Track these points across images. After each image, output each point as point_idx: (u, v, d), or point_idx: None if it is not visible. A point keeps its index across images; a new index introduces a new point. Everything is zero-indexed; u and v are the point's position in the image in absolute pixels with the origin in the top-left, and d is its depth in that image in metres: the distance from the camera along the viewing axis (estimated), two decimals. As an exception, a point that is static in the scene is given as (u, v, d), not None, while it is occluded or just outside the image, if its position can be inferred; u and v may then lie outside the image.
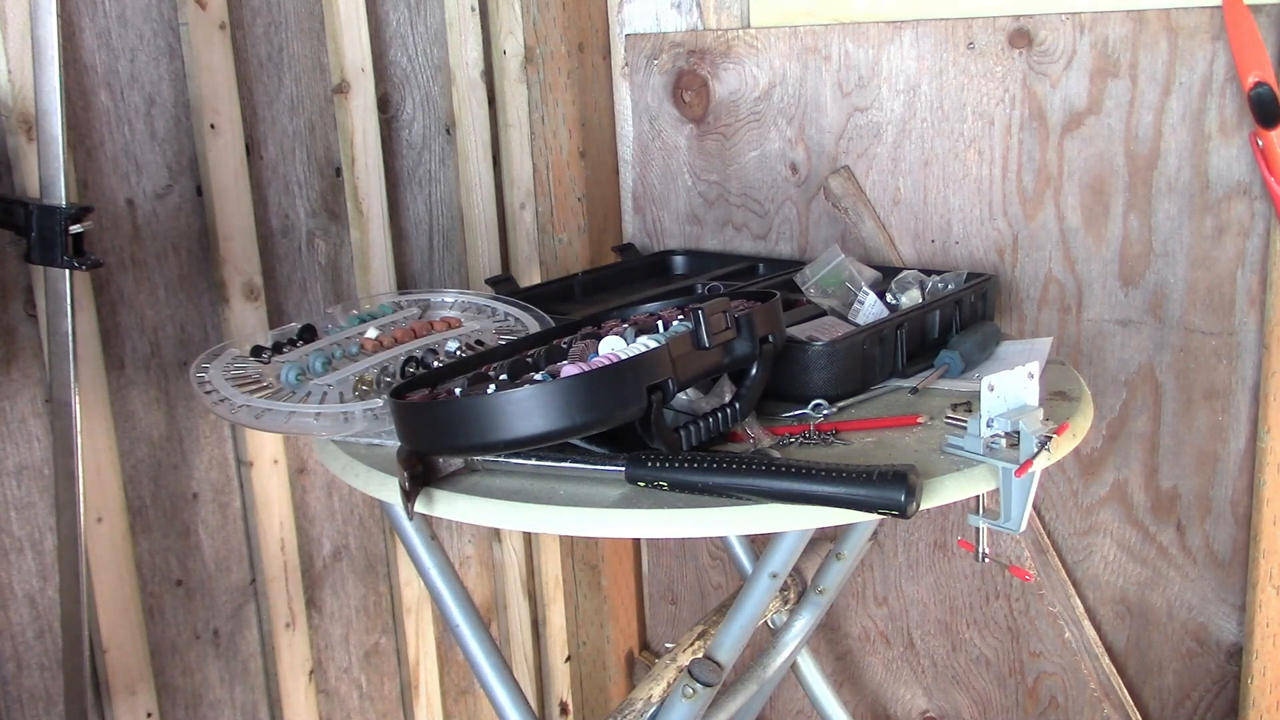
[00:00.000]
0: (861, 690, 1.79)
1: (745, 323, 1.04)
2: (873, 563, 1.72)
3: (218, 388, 1.11)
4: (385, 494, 1.02)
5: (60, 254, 1.08)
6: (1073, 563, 1.57)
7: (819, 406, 1.12)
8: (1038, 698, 1.64)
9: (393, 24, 1.52)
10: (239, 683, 1.42)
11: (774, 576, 1.08)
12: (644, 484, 0.93)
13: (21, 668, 1.19)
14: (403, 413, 0.95)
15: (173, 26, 1.25)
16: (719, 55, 1.65)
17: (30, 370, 1.16)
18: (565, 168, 1.74)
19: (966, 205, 1.52)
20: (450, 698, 1.74)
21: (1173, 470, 1.48)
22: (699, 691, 1.10)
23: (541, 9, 1.67)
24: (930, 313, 1.29)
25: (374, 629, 1.60)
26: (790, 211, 1.66)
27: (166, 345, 1.28)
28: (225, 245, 1.31)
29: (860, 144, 1.58)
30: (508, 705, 1.17)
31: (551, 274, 1.75)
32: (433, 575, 1.15)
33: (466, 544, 1.76)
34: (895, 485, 0.87)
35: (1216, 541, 1.47)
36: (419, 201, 1.59)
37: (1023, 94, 1.45)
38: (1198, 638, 1.52)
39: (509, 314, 1.33)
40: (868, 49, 1.54)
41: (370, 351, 1.20)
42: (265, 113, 1.36)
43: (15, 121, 1.11)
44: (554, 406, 0.89)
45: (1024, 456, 0.93)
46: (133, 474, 1.26)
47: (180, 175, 1.28)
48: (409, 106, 1.55)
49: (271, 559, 1.41)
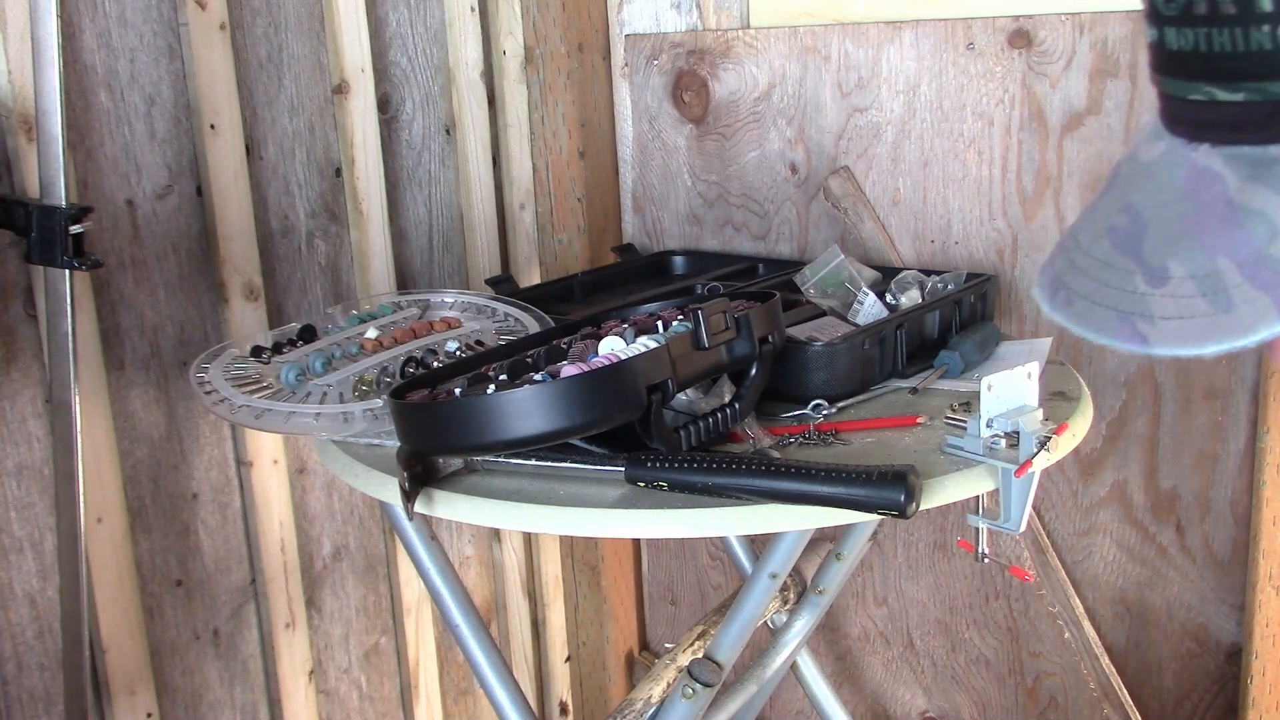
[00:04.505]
0: (861, 690, 1.79)
1: (745, 323, 1.04)
2: (873, 563, 1.72)
3: (218, 388, 1.11)
4: (385, 494, 1.02)
5: (60, 254, 1.08)
6: (1072, 563, 1.57)
7: (819, 407, 1.12)
8: (1037, 698, 1.64)
9: (393, 24, 1.52)
10: (239, 683, 1.42)
11: (774, 576, 1.08)
12: (644, 484, 0.93)
13: (21, 668, 1.19)
14: (403, 413, 0.95)
15: (173, 27, 1.25)
16: (719, 55, 1.65)
17: (30, 370, 1.16)
18: (565, 168, 1.74)
19: (966, 205, 1.52)
20: (450, 698, 1.74)
21: (1172, 470, 1.48)
22: (699, 691, 1.10)
23: (541, 9, 1.67)
24: (930, 313, 1.29)
25: (374, 629, 1.60)
26: (790, 212, 1.66)
27: (166, 345, 1.28)
28: (225, 245, 1.31)
29: (860, 144, 1.58)
30: (508, 705, 1.17)
31: (551, 274, 1.75)
32: (433, 575, 1.15)
33: (466, 544, 1.76)
34: (895, 485, 0.87)
35: (1216, 541, 1.47)
36: (419, 202, 1.59)
37: (1022, 94, 1.45)
38: (1197, 638, 1.52)
39: (509, 314, 1.33)
40: (867, 49, 1.54)
41: (370, 352, 1.20)
42: (265, 113, 1.36)
43: (15, 121, 1.11)
44: (554, 407, 0.89)
45: (1023, 457, 0.93)
46: (133, 474, 1.26)
47: (180, 176, 1.28)
48: (409, 107, 1.55)
49: (271, 559, 1.41)
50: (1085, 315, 0.51)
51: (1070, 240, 0.55)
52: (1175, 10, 0.48)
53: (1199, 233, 0.48)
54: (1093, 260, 0.53)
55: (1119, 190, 0.54)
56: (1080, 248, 0.54)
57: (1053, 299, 0.54)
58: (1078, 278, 0.53)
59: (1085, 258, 0.53)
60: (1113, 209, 0.54)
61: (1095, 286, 0.51)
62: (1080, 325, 0.51)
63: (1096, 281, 0.51)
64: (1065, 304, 0.53)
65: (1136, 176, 0.54)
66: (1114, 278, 0.51)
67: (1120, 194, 0.54)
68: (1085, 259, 0.53)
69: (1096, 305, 0.51)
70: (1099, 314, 0.51)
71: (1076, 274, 0.53)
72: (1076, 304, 0.52)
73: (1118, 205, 0.53)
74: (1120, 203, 0.53)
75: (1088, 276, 0.52)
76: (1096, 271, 0.52)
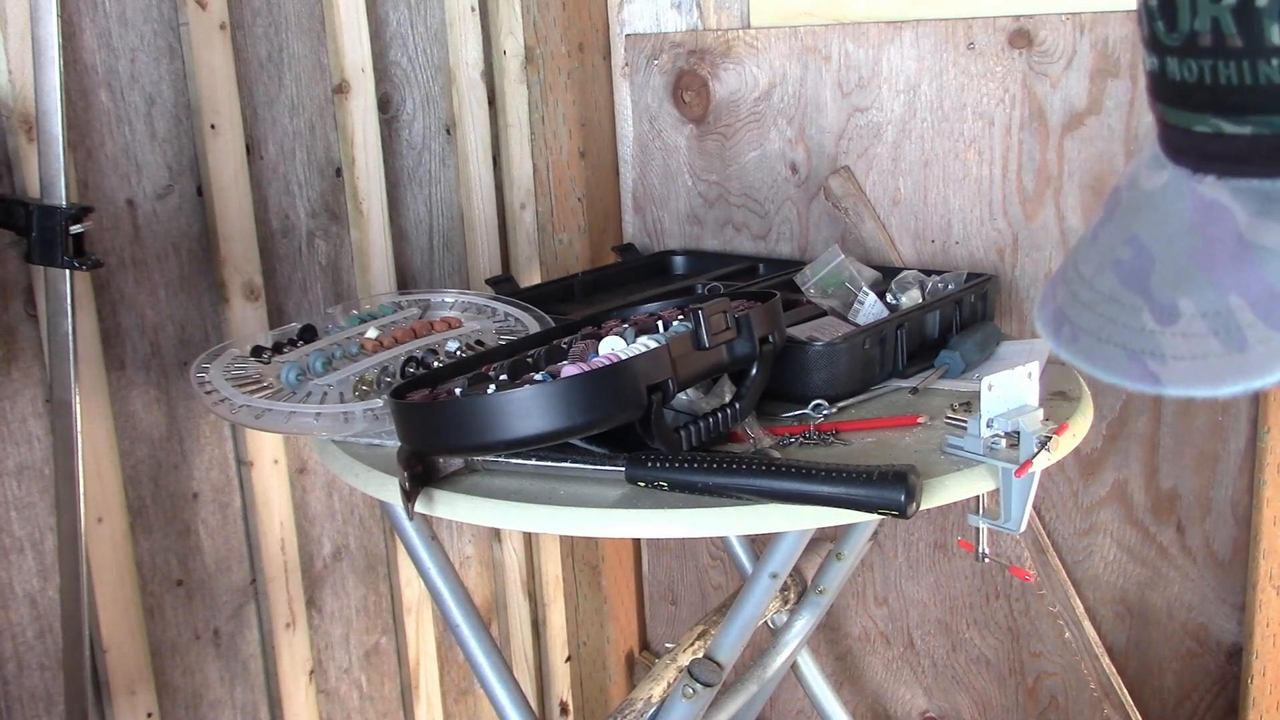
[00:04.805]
0: (861, 690, 1.79)
1: (745, 323, 1.04)
2: (873, 563, 1.72)
3: (218, 388, 1.11)
4: (385, 494, 1.02)
5: (60, 254, 1.08)
6: (1073, 563, 1.57)
7: (819, 407, 1.12)
8: (1038, 698, 1.64)
9: (393, 24, 1.52)
10: (239, 683, 1.42)
11: (774, 576, 1.08)
12: (644, 484, 0.93)
13: (21, 668, 1.19)
14: (403, 413, 0.95)
15: (173, 26, 1.25)
16: (719, 55, 1.65)
17: (30, 370, 1.16)
18: (565, 168, 1.74)
19: (966, 205, 1.52)
20: (450, 698, 1.74)
21: (1173, 470, 1.48)
22: (699, 691, 1.10)
23: (541, 9, 1.67)
24: (930, 313, 1.29)
25: (374, 629, 1.60)
26: (790, 212, 1.66)
27: (167, 345, 1.28)
28: (225, 245, 1.31)
29: (860, 144, 1.58)
30: (508, 705, 1.17)
31: (551, 274, 1.75)
32: (433, 575, 1.15)
33: (466, 544, 1.76)
34: (895, 485, 0.87)
35: (1216, 541, 1.47)
36: (419, 201, 1.59)
37: (1023, 94, 1.45)
38: (1198, 638, 1.52)
39: (509, 314, 1.33)
40: (868, 49, 1.54)
41: (370, 351, 1.20)
42: (265, 113, 1.36)
43: (15, 121, 1.11)
44: (554, 406, 0.89)
45: (1024, 456, 0.93)
46: (133, 474, 1.26)
47: (180, 175, 1.28)
48: (409, 106, 1.55)
49: (271, 559, 1.41)
50: (1092, 352, 0.50)
51: (1072, 271, 0.54)
52: (1177, 41, 0.47)
53: (1209, 269, 0.47)
54: (1097, 295, 0.51)
55: (1121, 220, 0.53)
56: (1083, 280, 0.53)
57: (1057, 334, 0.52)
58: (1082, 313, 0.51)
59: (1089, 291, 0.52)
60: (1116, 240, 0.52)
61: (1101, 323, 0.50)
62: (1088, 363, 0.50)
63: (1103, 318, 0.50)
64: (1071, 340, 0.51)
65: (1139, 207, 0.52)
66: (1121, 314, 0.50)
67: (1123, 225, 0.52)
68: (1089, 293, 0.52)
69: (1104, 342, 0.50)
70: (1107, 351, 0.49)
71: (1081, 308, 0.52)
72: (1082, 340, 0.51)
73: (1121, 237, 0.52)
74: (1124, 234, 0.52)
75: (1093, 311, 0.51)
76: (1102, 307, 0.51)
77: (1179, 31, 0.46)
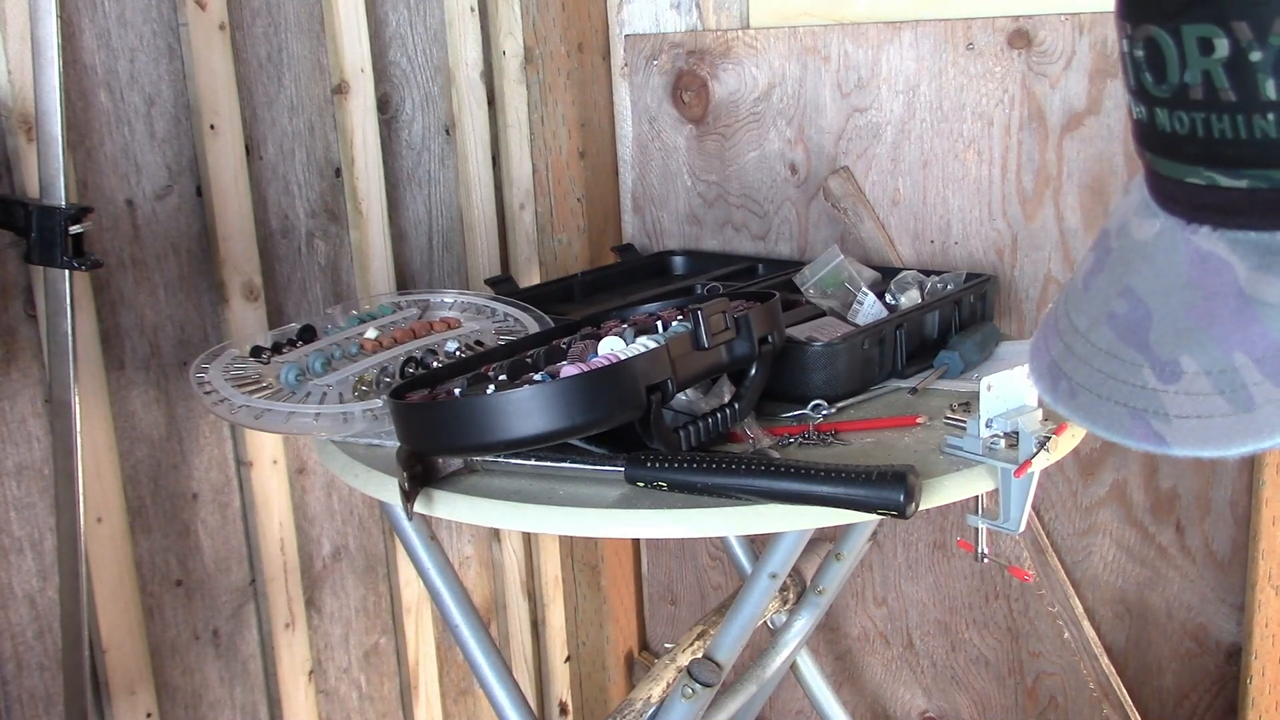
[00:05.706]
0: (861, 690, 1.79)
1: (744, 323, 1.04)
2: (872, 563, 1.72)
3: (217, 388, 1.11)
4: (385, 494, 1.02)
5: (60, 254, 1.08)
6: (1072, 563, 1.57)
7: (818, 407, 1.12)
8: (1037, 698, 1.64)
9: (392, 24, 1.52)
10: (239, 683, 1.42)
11: (773, 577, 1.09)
12: (643, 484, 0.93)
13: (21, 668, 1.19)
14: (402, 413, 0.95)
15: (172, 27, 1.25)
16: (718, 56, 1.65)
17: (30, 370, 1.16)
18: (565, 168, 1.74)
19: (966, 206, 1.52)
20: (450, 698, 1.74)
21: (1172, 470, 1.48)
22: (698, 692, 1.10)
23: (541, 9, 1.67)
24: (929, 313, 1.29)
25: (374, 629, 1.60)
26: (790, 212, 1.66)
27: (166, 345, 1.28)
28: (225, 245, 1.31)
29: (859, 144, 1.58)
30: (507, 705, 1.17)
31: (551, 274, 1.75)
32: (432, 575, 1.15)
33: (466, 544, 1.76)
34: (894, 486, 0.87)
35: (1216, 541, 1.47)
36: (418, 202, 1.59)
37: (1022, 94, 1.45)
38: (1197, 638, 1.52)
39: (508, 314, 1.33)
40: (867, 50, 1.54)
41: (370, 352, 1.20)
42: (265, 113, 1.36)
43: (15, 122, 1.11)
44: (553, 407, 0.89)
45: (1023, 457, 0.93)
46: (132, 474, 1.26)
47: (180, 176, 1.28)
48: (409, 107, 1.55)
49: (271, 559, 1.41)
50: (1093, 410, 0.48)
51: (1064, 322, 0.52)
52: (1167, 93, 0.45)
53: (1210, 325, 0.45)
54: (1093, 349, 0.49)
55: (1113, 271, 0.51)
56: (1078, 333, 0.51)
57: (1054, 390, 0.50)
58: (1079, 367, 0.50)
59: (1085, 345, 0.50)
60: (1110, 292, 0.50)
61: (1100, 379, 0.48)
62: (1088, 420, 0.48)
63: (1101, 373, 0.48)
64: (1069, 396, 0.49)
65: (1131, 257, 0.50)
66: (1120, 370, 0.48)
67: (1116, 276, 0.51)
68: (1085, 346, 0.50)
69: (1104, 400, 0.48)
70: (1108, 410, 0.47)
71: (1077, 363, 0.50)
72: (1081, 396, 0.49)
73: (1115, 289, 0.50)
74: (1117, 286, 0.50)
75: (1090, 367, 0.49)
76: (1100, 362, 0.49)
77: (1168, 83, 0.45)
